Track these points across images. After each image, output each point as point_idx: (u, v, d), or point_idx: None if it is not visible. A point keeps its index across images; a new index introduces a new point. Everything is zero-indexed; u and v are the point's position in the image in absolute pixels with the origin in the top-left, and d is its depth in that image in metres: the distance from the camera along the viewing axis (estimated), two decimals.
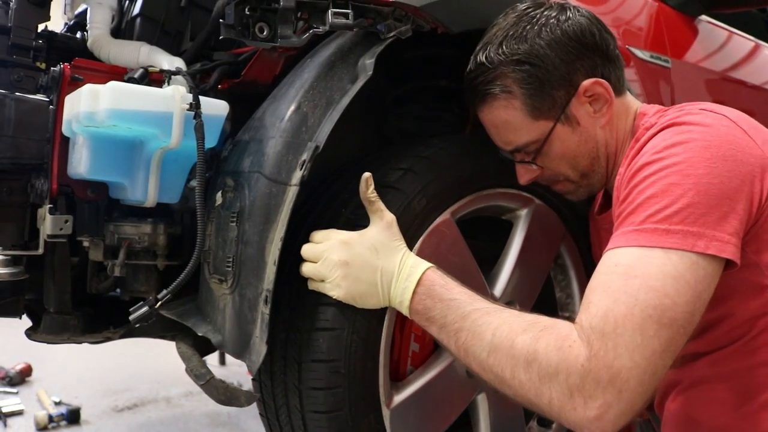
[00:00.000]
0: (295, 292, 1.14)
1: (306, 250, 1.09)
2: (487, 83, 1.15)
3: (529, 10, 1.15)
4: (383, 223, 1.08)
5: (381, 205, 1.09)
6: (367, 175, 1.08)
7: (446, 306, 1.02)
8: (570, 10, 1.15)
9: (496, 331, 0.95)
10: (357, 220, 1.13)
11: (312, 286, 1.09)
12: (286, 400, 1.17)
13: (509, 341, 0.93)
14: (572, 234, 1.51)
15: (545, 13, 1.14)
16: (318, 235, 1.10)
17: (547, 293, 1.54)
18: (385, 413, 1.16)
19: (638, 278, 0.88)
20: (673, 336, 0.87)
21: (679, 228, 0.90)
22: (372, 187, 1.08)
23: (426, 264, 1.06)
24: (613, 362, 0.85)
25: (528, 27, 1.12)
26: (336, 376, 1.09)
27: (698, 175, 0.92)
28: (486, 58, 1.14)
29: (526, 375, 0.91)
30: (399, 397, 1.19)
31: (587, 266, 1.53)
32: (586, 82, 1.12)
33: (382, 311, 1.12)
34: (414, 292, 1.04)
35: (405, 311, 1.06)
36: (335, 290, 1.06)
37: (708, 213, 0.91)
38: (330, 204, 1.20)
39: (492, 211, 1.41)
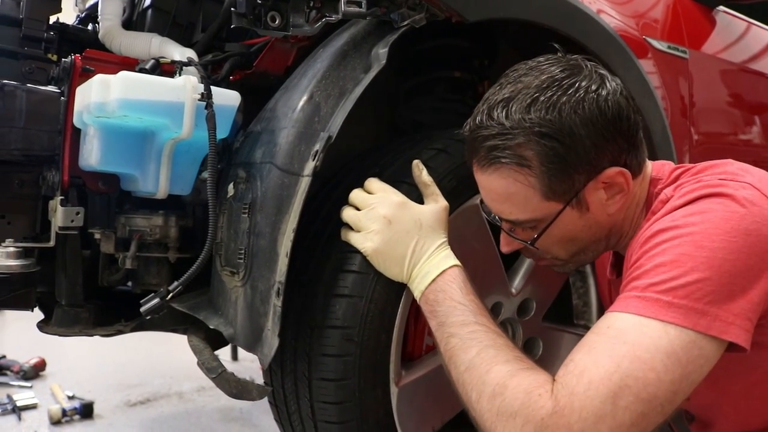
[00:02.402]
0: (316, 260, 1.14)
1: (355, 194, 1.10)
2: (502, 149, 0.97)
3: (566, 74, 0.98)
4: (437, 207, 1.09)
5: (437, 189, 1.10)
6: (416, 161, 1.11)
7: (453, 307, 1.00)
8: (609, 83, 0.99)
9: (481, 351, 0.93)
10: None
11: (345, 235, 1.09)
12: (294, 366, 1.16)
13: (487, 366, 0.90)
14: None
15: (583, 84, 0.97)
16: (375, 185, 1.10)
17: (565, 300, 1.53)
18: (393, 390, 1.15)
19: (627, 345, 0.83)
20: (648, 413, 0.81)
21: (684, 303, 0.84)
22: (425, 170, 1.10)
23: (456, 261, 1.05)
24: (574, 425, 0.80)
25: (564, 97, 0.95)
26: (348, 344, 1.08)
27: (713, 249, 0.85)
28: (507, 117, 0.97)
29: (488, 405, 0.88)
30: (408, 377, 1.19)
31: None
32: (611, 171, 0.99)
33: (401, 286, 1.11)
34: (433, 280, 1.03)
35: (417, 294, 1.05)
36: (367, 242, 1.05)
37: (717, 290, 0.84)
38: (350, 188, 1.18)
39: None
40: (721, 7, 2.01)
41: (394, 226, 1.05)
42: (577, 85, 0.97)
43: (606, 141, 0.97)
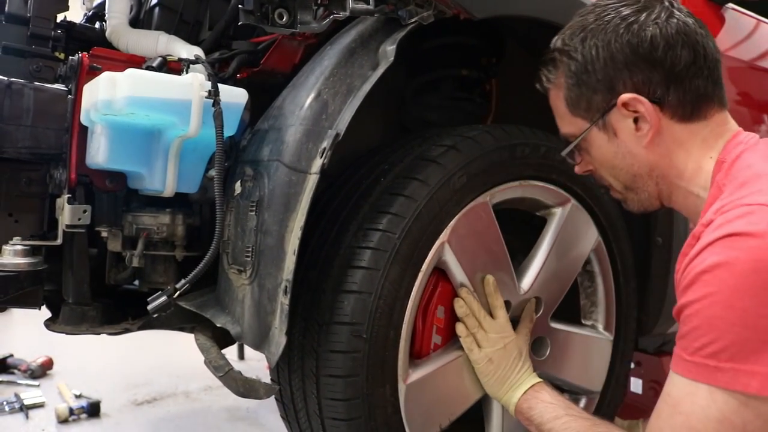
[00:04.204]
0: (324, 255, 1.14)
1: (490, 324, 1.24)
2: (542, 64, 1.13)
3: (614, 5, 1.05)
4: (522, 336, 1.30)
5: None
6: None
7: (545, 407, 1.17)
8: (648, 13, 1.02)
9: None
10: (394, 188, 1.15)
11: (465, 341, 1.25)
12: (301, 363, 1.16)
13: None
14: (606, 242, 1.48)
15: (619, 10, 1.03)
16: (498, 327, 1.25)
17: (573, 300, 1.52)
18: (401, 387, 1.15)
19: (682, 416, 0.88)
20: None
21: (730, 366, 0.84)
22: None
23: (538, 379, 1.25)
24: None
25: (595, 22, 1.05)
26: (357, 341, 1.09)
27: (743, 308, 0.83)
28: (553, 42, 1.11)
29: None
30: (416, 375, 1.19)
31: (617, 277, 1.52)
32: (625, 96, 1.02)
33: (409, 282, 1.13)
34: (525, 392, 1.21)
35: (512, 406, 1.22)
36: (475, 351, 1.24)
37: (762, 348, 0.83)
38: (360, 184, 1.19)
39: (528, 204, 1.40)
40: (730, 5, 2.00)
41: (499, 358, 1.25)
42: (608, 12, 1.05)
43: (622, 65, 1.02)
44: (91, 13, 1.66)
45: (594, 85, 1.05)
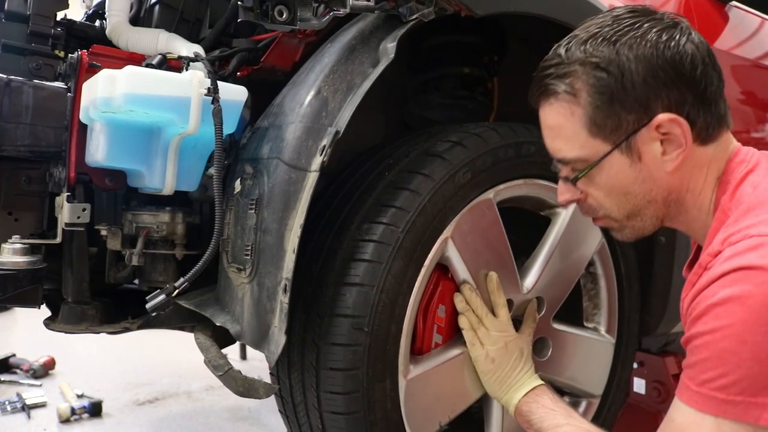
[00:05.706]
0: (326, 249, 1.14)
1: (492, 321, 1.24)
2: (555, 78, 0.99)
3: (636, 15, 0.97)
4: (525, 336, 1.30)
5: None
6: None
7: (546, 413, 1.16)
8: (681, 31, 0.95)
9: None
10: (398, 183, 1.16)
11: (467, 334, 1.24)
12: (301, 357, 1.16)
13: None
14: (609, 244, 1.48)
15: (650, 24, 0.95)
16: (499, 325, 1.24)
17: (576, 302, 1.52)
18: (402, 383, 1.15)
19: None
20: None
21: (741, 399, 0.83)
22: None
23: (541, 381, 1.24)
24: None
25: (623, 32, 0.95)
26: (358, 333, 1.08)
27: (756, 343, 0.82)
28: (565, 50, 0.98)
29: None
30: (417, 371, 1.18)
31: (621, 280, 1.51)
32: (663, 116, 0.93)
33: (412, 276, 1.13)
34: (526, 394, 1.20)
35: (512, 407, 1.22)
36: (477, 346, 1.24)
37: None
38: (364, 178, 1.18)
39: (532, 203, 1.39)
40: (734, 3, 1.99)
41: (501, 359, 1.25)
42: (641, 24, 0.95)
43: (661, 83, 0.93)
44: (91, 11, 1.66)
45: (627, 103, 0.95)
